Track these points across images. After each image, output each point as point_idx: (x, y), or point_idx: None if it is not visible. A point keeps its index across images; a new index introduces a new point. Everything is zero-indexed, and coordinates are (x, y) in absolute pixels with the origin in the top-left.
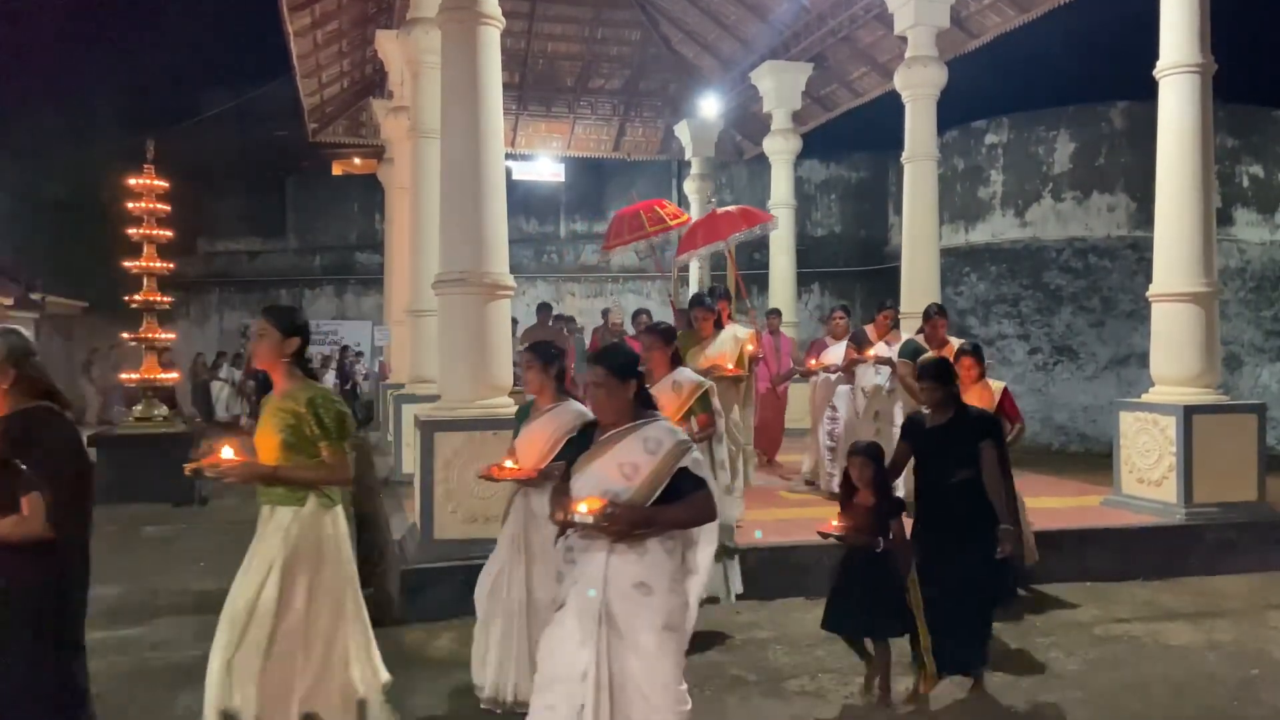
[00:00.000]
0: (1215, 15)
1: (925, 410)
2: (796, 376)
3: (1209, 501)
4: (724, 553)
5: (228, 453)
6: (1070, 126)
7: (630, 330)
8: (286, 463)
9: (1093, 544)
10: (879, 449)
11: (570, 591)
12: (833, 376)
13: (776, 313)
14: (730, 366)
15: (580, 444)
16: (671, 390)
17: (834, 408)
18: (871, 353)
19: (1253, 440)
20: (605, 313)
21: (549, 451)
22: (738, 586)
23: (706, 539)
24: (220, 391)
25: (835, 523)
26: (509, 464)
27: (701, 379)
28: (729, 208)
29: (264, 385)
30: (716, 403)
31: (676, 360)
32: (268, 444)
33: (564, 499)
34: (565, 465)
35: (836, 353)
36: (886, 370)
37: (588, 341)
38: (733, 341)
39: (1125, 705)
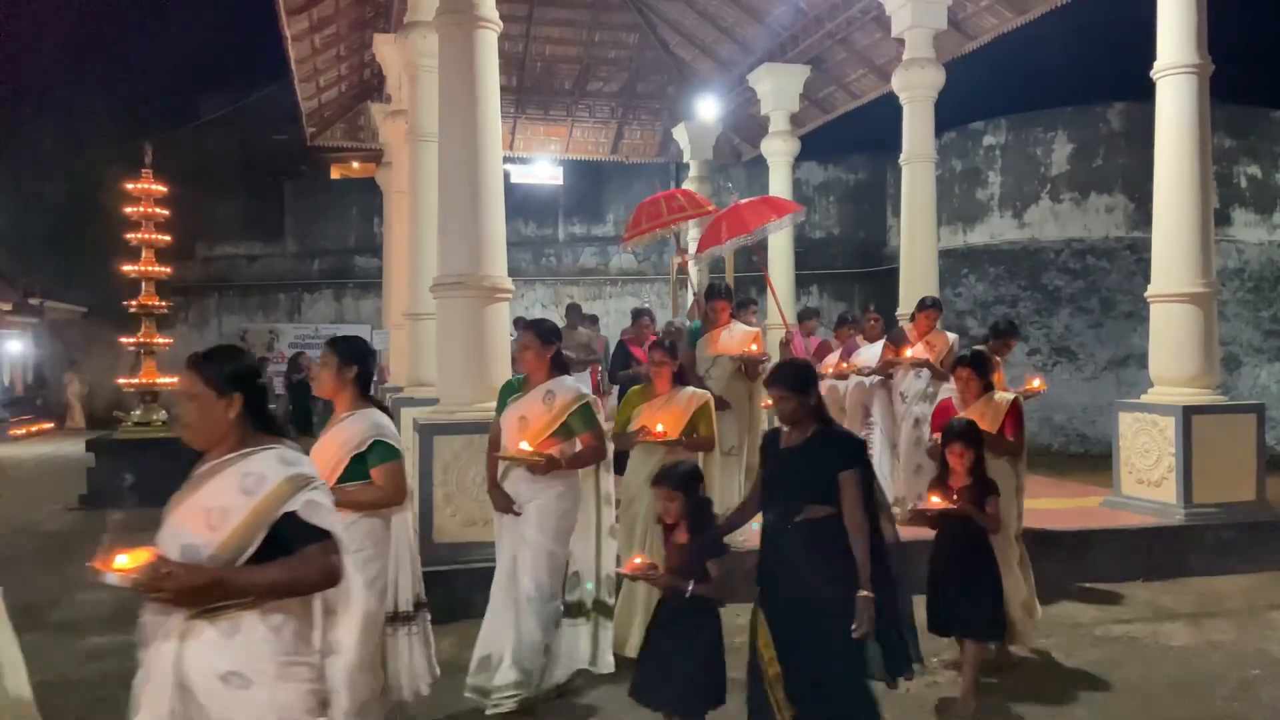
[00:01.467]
0: (1213, 16)
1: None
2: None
3: (1208, 502)
4: (599, 610)
5: None
6: (1068, 127)
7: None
8: None
9: (1092, 545)
10: (690, 474)
11: (143, 692)
12: (868, 380)
13: (813, 313)
14: (660, 430)
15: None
16: (542, 402)
17: (868, 413)
18: (909, 354)
19: (1252, 440)
20: (638, 313)
21: (333, 471)
22: (606, 661)
23: (348, 606)
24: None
25: (639, 560)
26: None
27: (583, 390)
28: (751, 199)
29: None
30: (604, 420)
31: (560, 367)
32: None
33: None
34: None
35: (871, 353)
36: (927, 374)
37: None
38: (686, 401)
39: (1126, 706)
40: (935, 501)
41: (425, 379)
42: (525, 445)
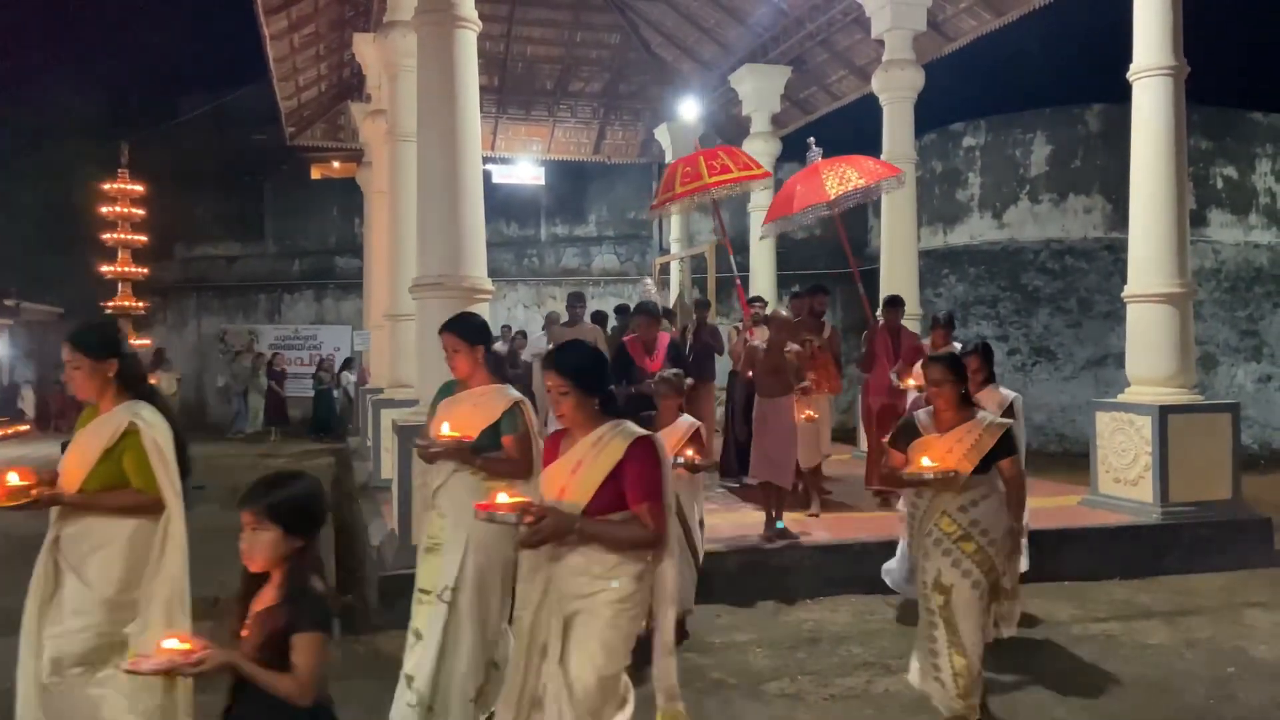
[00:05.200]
0: (1188, 17)
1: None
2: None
3: (1184, 500)
4: None
5: None
6: (1046, 129)
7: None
8: None
9: (1070, 543)
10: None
11: None
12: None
13: (894, 301)
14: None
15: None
16: None
17: None
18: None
19: (1227, 439)
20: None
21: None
22: None
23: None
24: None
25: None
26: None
27: None
28: (835, 159)
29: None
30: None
31: None
32: None
33: None
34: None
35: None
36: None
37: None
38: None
39: (1102, 705)
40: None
41: (405, 380)
42: None
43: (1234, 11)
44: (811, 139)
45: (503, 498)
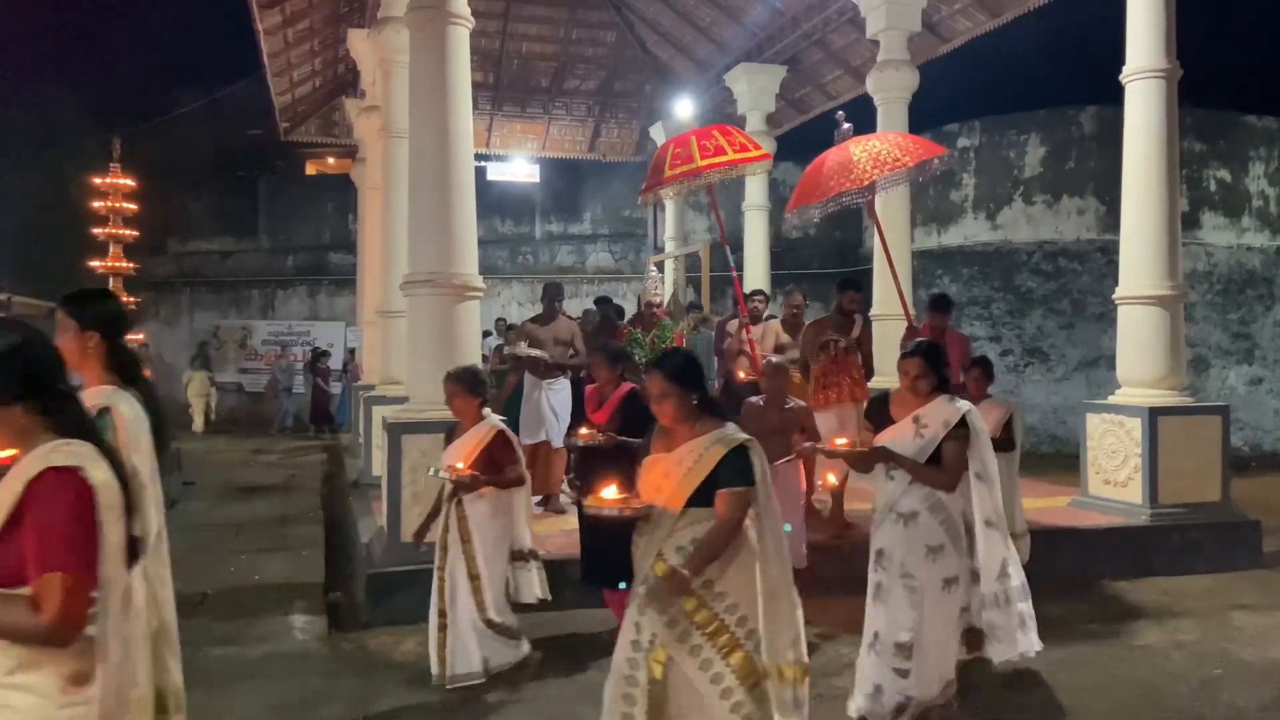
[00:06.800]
0: (1181, 20)
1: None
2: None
3: (1173, 502)
4: None
5: None
6: (1041, 130)
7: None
8: None
9: (1060, 544)
10: None
11: None
12: None
13: (940, 302)
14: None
15: None
16: None
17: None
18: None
19: (1216, 441)
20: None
21: None
22: None
23: None
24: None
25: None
26: None
27: None
28: (868, 135)
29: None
30: None
31: None
32: None
33: None
34: None
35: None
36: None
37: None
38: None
39: (1090, 705)
40: None
41: (397, 377)
42: None
43: (1227, 14)
44: (841, 113)
45: None
